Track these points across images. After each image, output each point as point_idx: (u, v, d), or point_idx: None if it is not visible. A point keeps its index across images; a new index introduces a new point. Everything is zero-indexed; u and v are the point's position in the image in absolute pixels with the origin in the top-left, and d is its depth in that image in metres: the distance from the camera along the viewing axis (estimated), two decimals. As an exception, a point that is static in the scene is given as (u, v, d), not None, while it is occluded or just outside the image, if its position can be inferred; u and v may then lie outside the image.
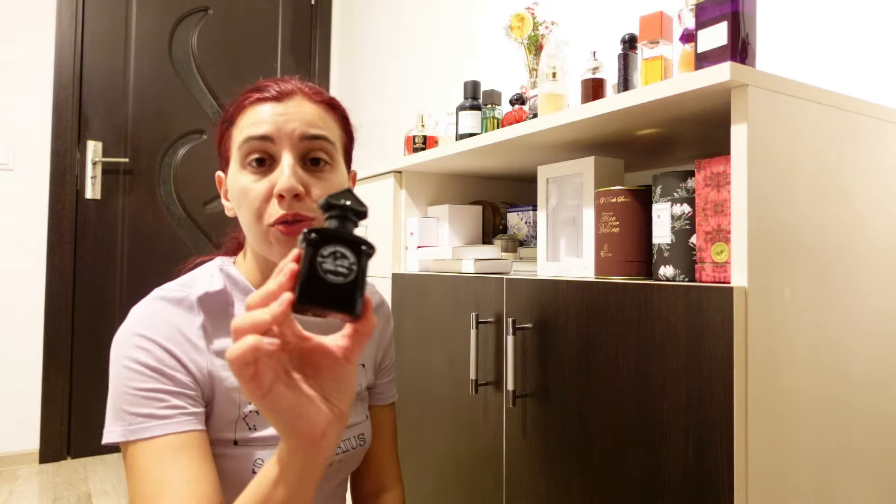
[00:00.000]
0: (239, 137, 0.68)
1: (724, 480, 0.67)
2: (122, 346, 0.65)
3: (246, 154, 0.67)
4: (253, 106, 0.68)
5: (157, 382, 0.63)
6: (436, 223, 1.42)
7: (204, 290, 0.69)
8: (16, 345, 2.45)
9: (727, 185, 0.74)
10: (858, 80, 1.06)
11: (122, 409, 0.63)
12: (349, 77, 2.99)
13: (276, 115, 0.67)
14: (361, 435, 0.81)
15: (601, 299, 0.83)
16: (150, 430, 0.61)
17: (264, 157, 0.67)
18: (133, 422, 0.62)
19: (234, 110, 0.71)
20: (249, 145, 0.66)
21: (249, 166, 0.67)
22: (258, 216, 0.66)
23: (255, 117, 0.67)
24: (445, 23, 2.25)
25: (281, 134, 0.66)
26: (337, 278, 0.44)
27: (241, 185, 0.67)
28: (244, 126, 0.68)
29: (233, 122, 0.70)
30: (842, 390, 0.79)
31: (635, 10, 1.47)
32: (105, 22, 2.62)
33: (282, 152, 0.66)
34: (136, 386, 0.63)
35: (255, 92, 0.70)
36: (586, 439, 0.85)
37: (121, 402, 0.63)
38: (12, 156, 2.45)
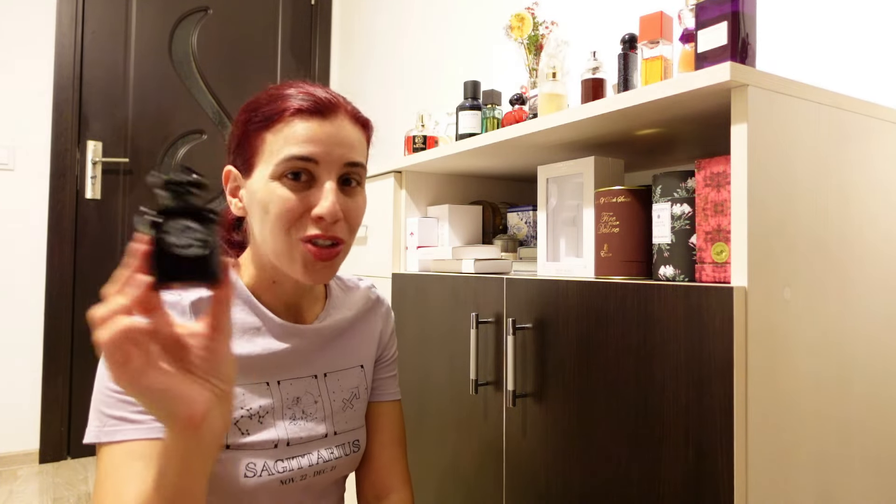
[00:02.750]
0: (281, 151, 0.66)
1: (724, 480, 0.67)
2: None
3: (286, 169, 0.66)
4: (297, 118, 0.67)
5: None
6: (436, 223, 1.42)
7: (198, 294, 0.69)
8: (16, 345, 2.45)
9: (727, 185, 0.74)
10: (858, 80, 1.06)
11: (99, 410, 0.63)
12: (349, 77, 2.99)
13: (323, 135, 0.67)
14: (356, 441, 0.81)
15: (601, 299, 0.83)
16: (120, 434, 0.62)
17: (301, 173, 0.67)
18: (106, 423, 0.62)
19: (273, 114, 0.68)
20: (292, 164, 0.66)
21: (286, 179, 0.67)
22: (287, 229, 0.67)
23: (301, 133, 0.67)
24: (445, 23, 2.25)
25: (327, 159, 0.67)
26: (189, 251, 0.44)
27: (275, 195, 0.66)
28: (288, 139, 0.67)
29: (269, 127, 0.68)
30: (842, 390, 0.79)
31: (635, 10, 1.47)
32: (105, 22, 2.62)
33: (324, 176, 0.68)
34: (114, 388, 0.63)
35: (295, 98, 0.68)
36: (586, 439, 0.85)
37: (99, 402, 0.63)
38: (12, 156, 2.45)
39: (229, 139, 0.74)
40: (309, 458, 0.75)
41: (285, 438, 0.73)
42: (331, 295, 0.82)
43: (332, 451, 0.77)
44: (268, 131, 0.68)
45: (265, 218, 0.67)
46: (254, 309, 0.73)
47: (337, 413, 0.79)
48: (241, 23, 2.91)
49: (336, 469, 0.78)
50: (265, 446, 0.71)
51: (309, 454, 0.75)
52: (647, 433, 0.76)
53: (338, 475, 0.80)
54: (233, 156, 0.73)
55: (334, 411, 0.79)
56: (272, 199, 0.66)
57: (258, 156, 0.69)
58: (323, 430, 0.77)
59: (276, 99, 0.69)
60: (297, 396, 0.75)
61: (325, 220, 0.66)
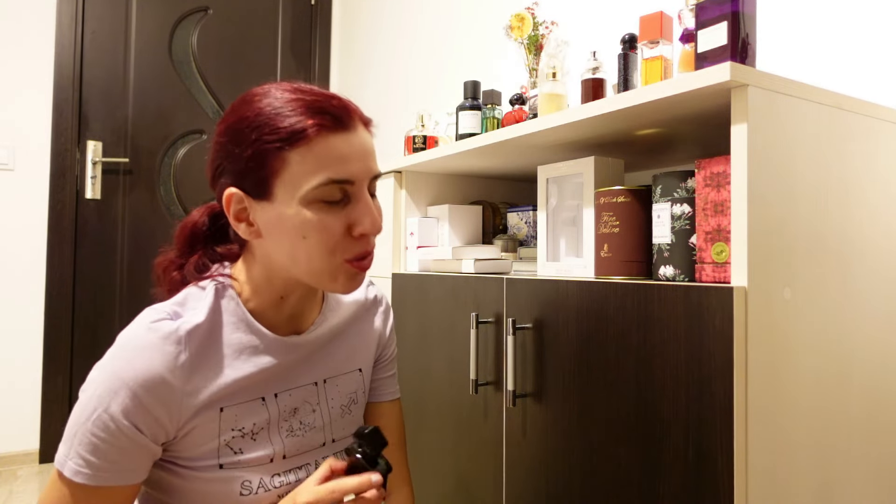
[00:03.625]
0: (314, 174, 0.62)
1: (724, 480, 0.67)
2: (100, 385, 0.63)
3: (325, 195, 0.63)
4: (321, 136, 0.63)
5: (111, 435, 0.62)
6: (436, 223, 1.42)
7: (194, 322, 0.67)
8: (16, 345, 2.45)
9: (727, 185, 0.74)
10: (858, 80, 1.06)
11: (72, 441, 0.63)
12: (349, 77, 2.99)
13: (353, 152, 0.64)
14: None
15: (601, 299, 0.83)
16: (80, 476, 0.62)
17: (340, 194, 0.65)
18: (74, 459, 0.62)
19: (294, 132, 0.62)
20: (332, 188, 0.63)
21: (321, 203, 0.64)
22: (332, 251, 0.65)
23: (336, 153, 0.63)
24: (445, 23, 2.25)
25: (361, 178, 0.66)
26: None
27: (310, 221, 0.63)
28: (319, 162, 0.62)
29: (292, 146, 0.62)
30: (842, 390, 0.79)
31: (635, 10, 1.47)
32: (105, 22, 2.62)
33: (358, 191, 0.66)
34: (93, 431, 0.62)
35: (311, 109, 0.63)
36: (586, 439, 0.85)
37: (75, 434, 0.63)
38: (12, 156, 2.45)
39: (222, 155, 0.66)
40: (307, 469, 0.74)
41: (281, 452, 0.72)
42: (326, 298, 0.80)
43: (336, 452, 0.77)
44: (288, 151, 0.62)
45: (300, 245, 0.64)
46: (251, 328, 0.70)
47: (335, 420, 0.79)
48: (241, 23, 2.91)
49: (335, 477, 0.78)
50: (261, 462, 0.70)
51: (307, 465, 0.75)
52: (647, 433, 0.76)
53: None
54: (234, 176, 0.65)
55: (332, 419, 0.78)
56: (309, 225, 0.63)
57: (278, 178, 0.63)
58: (321, 438, 0.77)
59: (284, 112, 0.63)
60: (295, 407, 0.74)
61: (368, 236, 0.67)
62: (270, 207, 0.64)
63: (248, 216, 0.66)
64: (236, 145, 0.64)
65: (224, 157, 0.66)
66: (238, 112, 0.66)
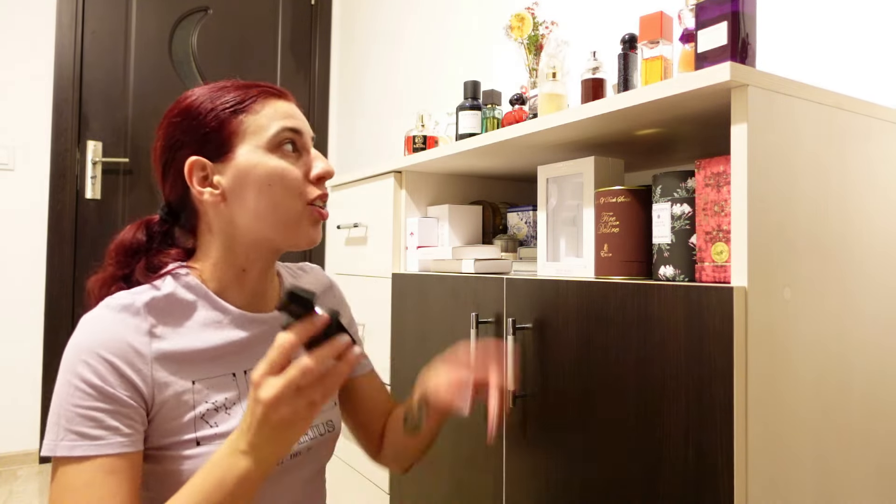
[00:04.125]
0: (269, 125, 0.71)
1: (724, 480, 0.67)
2: (68, 361, 0.65)
3: (282, 141, 0.72)
4: (269, 99, 0.73)
5: (95, 401, 0.64)
6: (436, 223, 1.42)
7: (152, 294, 0.70)
8: (16, 345, 2.45)
9: (727, 185, 0.74)
10: (858, 80, 1.06)
11: (58, 424, 0.63)
12: (349, 77, 2.99)
13: (295, 112, 0.75)
14: (329, 422, 0.82)
15: (601, 299, 0.83)
16: (79, 449, 0.62)
17: (294, 142, 0.73)
18: (66, 437, 0.63)
19: (243, 99, 0.72)
20: (288, 134, 0.72)
21: (281, 151, 0.72)
22: (299, 192, 0.72)
23: (283, 110, 0.73)
24: (445, 23, 2.25)
25: (305, 131, 0.76)
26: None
27: (278, 166, 0.71)
28: (273, 116, 0.72)
29: (246, 110, 0.71)
30: (842, 390, 0.79)
31: (635, 10, 1.47)
32: (105, 22, 2.62)
33: (306, 145, 0.75)
34: (75, 402, 0.63)
35: (251, 85, 0.73)
36: (586, 439, 0.85)
37: (59, 416, 0.64)
38: (12, 156, 2.45)
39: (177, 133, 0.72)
40: None
41: None
42: (283, 281, 0.85)
43: (307, 433, 0.77)
44: (243, 114, 0.71)
45: (266, 191, 0.70)
46: (213, 304, 0.73)
47: None
48: (241, 23, 2.91)
49: (312, 451, 0.78)
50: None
51: None
52: (647, 433, 0.76)
53: (316, 460, 0.80)
54: (193, 147, 0.71)
55: None
56: (276, 171, 0.71)
57: (236, 136, 0.71)
58: None
59: (227, 89, 0.73)
60: None
61: (326, 178, 0.74)
62: (233, 165, 0.71)
63: (212, 180, 0.72)
64: (193, 118, 0.72)
65: (181, 132, 0.72)
66: (183, 102, 0.74)
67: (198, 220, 0.76)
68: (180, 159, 0.72)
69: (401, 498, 1.29)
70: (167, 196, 0.77)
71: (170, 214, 0.78)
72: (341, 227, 1.66)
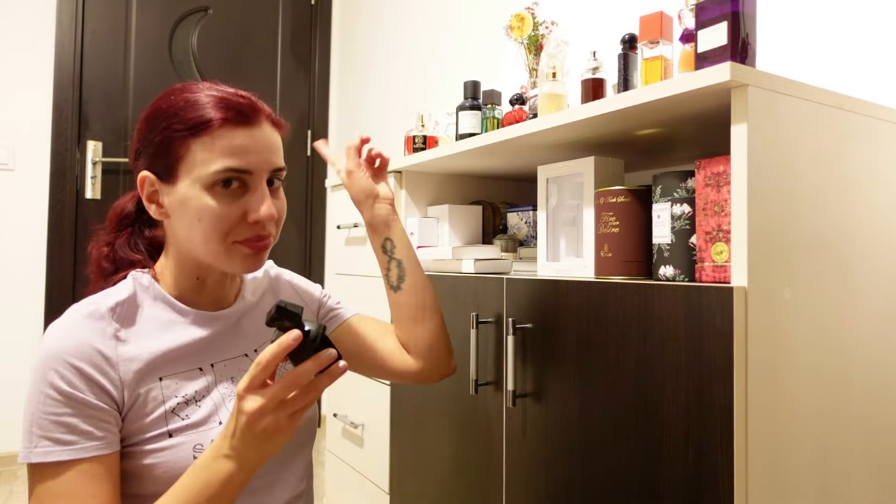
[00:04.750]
0: (212, 162, 0.68)
1: (724, 480, 0.67)
2: (38, 369, 0.66)
3: (220, 179, 0.68)
4: (224, 128, 0.69)
5: (66, 407, 0.64)
6: (436, 223, 1.42)
7: (115, 299, 0.71)
8: (16, 345, 2.45)
9: (727, 185, 0.74)
10: (858, 80, 1.06)
11: (31, 432, 0.64)
12: (349, 77, 2.99)
13: (252, 145, 0.70)
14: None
15: (601, 299, 0.83)
16: (53, 455, 0.63)
17: (234, 181, 0.70)
18: (39, 444, 0.63)
19: (198, 123, 0.68)
20: (227, 174, 0.68)
21: (217, 188, 0.69)
22: (224, 236, 0.70)
23: (233, 145, 0.69)
24: (446, 22, 2.25)
25: (258, 167, 0.71)
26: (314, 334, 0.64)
27: (209, 205, 0.68)
28: (221, 151, 0.68)
29: (195, 136, 0.68)
30: (842, 390, 0.79)
31: (635, 10, 1.47)
32: (105, 22, 2.62)
33: (255, 182, 0.71)
34: (46, 410, 0.64)
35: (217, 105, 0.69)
36: (586, 439, 0.85)
37: (31, 423, 0.64)
38: (12, 156, 2.45)
39: (140, 141, 0.73)
40: None
41: (226, 412, 0.74)
42: (244, 278, 0.86)
43: None
44: (193, 140, 0.68)
45: (196, 226, 0.69)
46: (171, 306, 0.75)
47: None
48: (241, 23, 2.91)
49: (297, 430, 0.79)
50: (209, 423, 0.72)
51: None
52: (647, 433, 0.76)
53: (295, 444, 0.80)
54: (147, 160, 0.71)
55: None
56: (205, 210, 0.68)
57: (183, 163, 0.69)
58: None
59: (195, 105, 0.69)
60: (232, 376, 0.77)
61: (263, 222, 0.71)
62: (175, 191, 0.70)
63: (158, 198, 0.72)
64: (150, 131, 0.71)
65: (141, 142, 0.72)
66: (156, 104, 0.72)
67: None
68: (138, 167, 0.73)
69: (401, 498, 1.29)
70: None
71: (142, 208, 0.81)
72: (341, 227, 1.66)
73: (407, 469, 1.27)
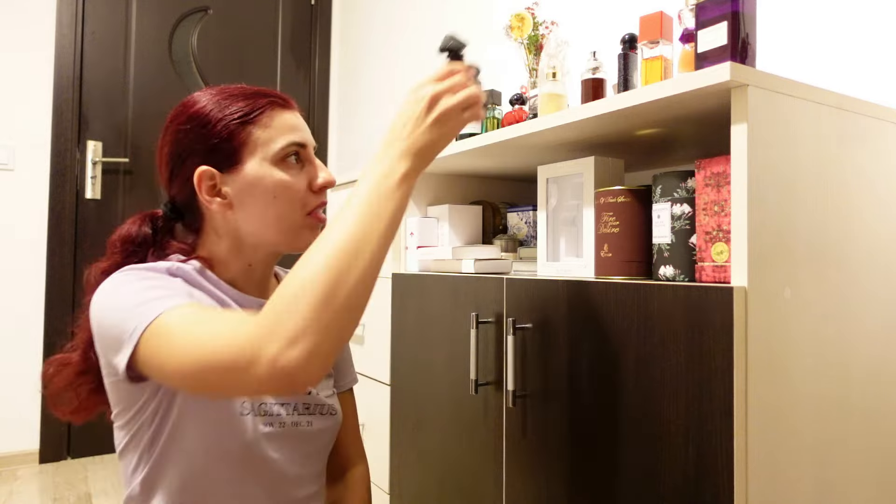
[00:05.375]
0: (277, 139, 0.74)
1: (724, 480, 0.67)
2: (107, 288, 0.65)
3: (288, 154, 0.75)
4: (276, 110, 0.75)
5: (166, 281, 0.66)
6: (436, 223, 1.42)
7: (168, 265, 0.72)
8: (16, 344, 2.45)
9: (727, 185, 0.74)
10: (858, 80, 1.06)
11: (134, 310, 0.61)
12: (349, 77, 2.99)
13: (300, 125, 0.78)
14: (333, 406, 0.85)
15: (601, 299, 0.83)
16: (171, 301, 0.62)
17: (298, 155, 0.76)
18: (150, 306, 0.61)
19: (252, 109, 0.74)
20: (293, 149, 0.75)
21: (286, 164, 0.75)
22: (302, 204, 0.76)
23: (289, 123, 0.76)
24: (445, 22, 2.25)
25: (310, 142, 0.79)
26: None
27: (281, 180, 0.74)
28: (279, 129, 0.74)
29: (255, 121, 0.74)
30: (842, 390, 0.79)
31: (635, 10, 1.47)
32: (105, 22, 2.62)
33: (310, 155, 0.79)
34: (146, 285, 0.64)
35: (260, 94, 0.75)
36: (586, 439, 0.85)
37: (128, 308, 0.62)
38: (12, 156, 2.45)
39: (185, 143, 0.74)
40: (286, 407, 0.77)
41: None
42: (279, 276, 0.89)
43: (309, 407, 0.80)
44: (251, 125, 0.73)
45: (272, 203, 0.73)
46: (225, 291, 0.76)
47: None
48: (241, 23, 2.91)
49: (312, 427, 0.80)
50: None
51: (285, 404, 0.77)
52: (647, 433, 0.76)
53: (317, 438, 0.81)
54: (202, 156, 0.73)
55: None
56: (279, 184, 0.73)
57: (246, 147, 0.73)
58: None
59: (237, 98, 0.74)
60: None
61: (328, 187, 0.78)
62: (240, 175, 0.73)
63: (220, 189, 0.74)
64: (203, 127, 0.73)
65: (190, 140, 0.74)
66: (192, 108, 0.75)
67: (203, 223, 0.78)
68: (189, 167, 0.74)
69: (401, 498, 1.29)
70: (172, 197, 0.79)
71: (174, 212, 0.80)
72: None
73: (407, 469, 1.27)
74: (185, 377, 0.57)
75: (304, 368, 0.54)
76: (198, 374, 0.56)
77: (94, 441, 2.56)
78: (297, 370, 0.53)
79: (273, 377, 0.53)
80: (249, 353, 0.54)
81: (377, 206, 0.60)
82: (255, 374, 0.54)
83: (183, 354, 0.57)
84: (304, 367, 0.54)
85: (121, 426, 0.72)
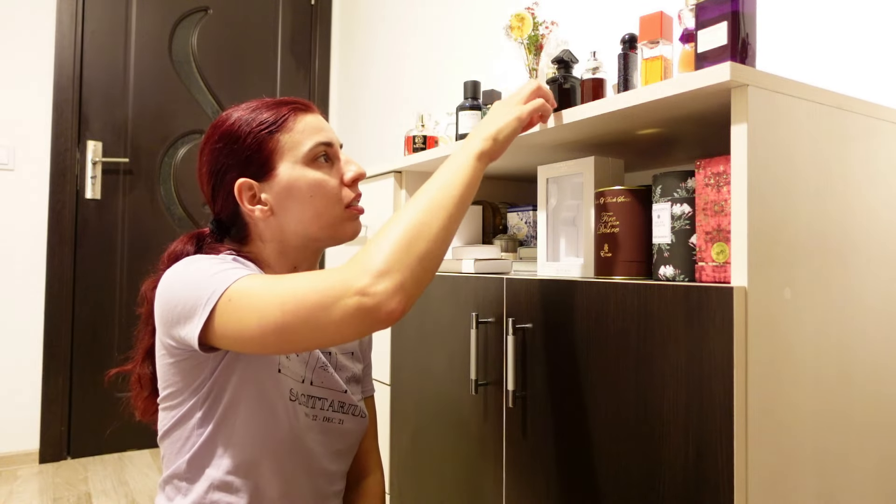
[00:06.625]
0: (305, 142, 0.79)
1: (724, 480, 0.67)
2: (185, 262, 0.70)
3: (318, 154, 0.80)
4: (299, 115, 0.80)
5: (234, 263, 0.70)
6: (436, 223, 1.41)
7: (232, 256, 0.76)
8: (16, 345, 2.45)
9: (727, 185, 0.74)
10: (858, 79, 1.06)
11: (209, 282, 0.66)
12: (349, 77, 2.99)
13: (324, 126, 0.82)
14: (362, 409, 0.89)
15: (601, 299, 0.83)
16: (243, 270, 0.68)
17: (327, 155, 0.81)
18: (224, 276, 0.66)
19: (277, 119, 0.79)
20: (322, 148, 0.80)
21: (317, 163, 0.80)
22: (338, 199, 0.81)
23: (313, 125, 0.80)
24: (445, 22, 2.25)
25: (335, 141, 0.84)
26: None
27: (315, 178, 0.79)
28: (306, 132, 0.79)
29: (279, 129, 0.78)
30: (842, 389, 0.79)
31: (635, 10, 1.47)
32: (105, 22, 2.62)
33: (337, 153, 0.83)
34: (216, 262, 0.69)
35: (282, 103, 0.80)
36: (586, 439, 0.85)
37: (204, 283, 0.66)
38: (12, 156, 2.45)
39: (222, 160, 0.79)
40: (323, 402, 0.83)
41: (310, 377, 0.82)
42: None
43: (343, 406, 0.85)
44: (278, 134, 0.78)
45: (309, 202, 0.78)
46: None
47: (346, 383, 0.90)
48: (241, 23, 2.91)
49: (343, 424, 0.84)
50: (296, 377, 0.79)
51: (323, 399, 0.83)
52: (647, 433, 0.76)
53: (348, 436, 0.85)
54: (238, 170, 0.78)
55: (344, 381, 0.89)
56: (314, 183, 0.79)
57: (276, 154, 0.78)
58: (340, 385, 0.86)
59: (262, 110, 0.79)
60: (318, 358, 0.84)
61: (360, 179, 0.83)
62: (276, 181, 0.78)
63: (260, 198, 0.79)
64: (234, 142, 0.78)
65: (225, 156, 0.79)
66: (222, 127, 0.80)
67: (248, 232, 0.82)
68: (229, 182, 0.79)
69: (401, 498, 1.29)
70: (218, 213, 0.83)
71: (219, 228, 0.84)
72: (341, 227, 1.66)
73: (407, 469, 1.27)
74: (267, 332, 0.62)
75: (389, 301, 0.60)
76: (282, 324, 0.61)
77: (95, 441, 2.56)
78: (383, 302, 0.60)
79: (361, 308, 0.60)
80: (340, 287, 0.60)
81: (454, 175, 0.70)
82: (342, 307, 0.60)
83: (265, 307, 0.62)
84: (389, 299, 0.60)
85: (170, 407, 0.75)
